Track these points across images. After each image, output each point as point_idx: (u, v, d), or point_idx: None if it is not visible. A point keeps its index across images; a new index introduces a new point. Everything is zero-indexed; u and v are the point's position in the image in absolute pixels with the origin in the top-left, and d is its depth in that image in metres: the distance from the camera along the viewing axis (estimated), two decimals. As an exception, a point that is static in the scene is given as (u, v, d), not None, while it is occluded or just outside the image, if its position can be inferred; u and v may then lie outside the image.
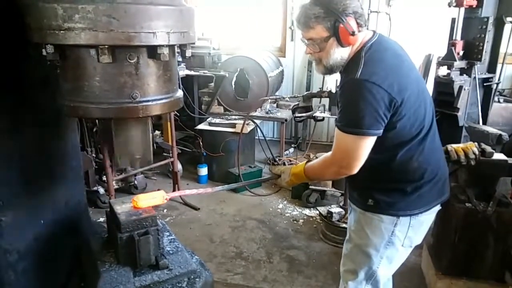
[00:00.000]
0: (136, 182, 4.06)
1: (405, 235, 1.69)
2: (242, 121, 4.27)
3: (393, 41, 1.67)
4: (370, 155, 1.52)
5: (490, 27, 3.44)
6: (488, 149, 2.25)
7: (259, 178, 2.64)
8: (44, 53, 1.27)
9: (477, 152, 2.14)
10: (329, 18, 1.49)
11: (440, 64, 3.59)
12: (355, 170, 1.54)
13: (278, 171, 1.89)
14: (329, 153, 1.63)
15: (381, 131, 1.48)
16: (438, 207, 1.75)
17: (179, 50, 1.48)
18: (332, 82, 4.25)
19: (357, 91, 1.44)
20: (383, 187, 1.66)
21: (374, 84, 1.42)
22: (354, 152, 1.51)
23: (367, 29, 1.60)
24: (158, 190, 1.71)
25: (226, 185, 2.08)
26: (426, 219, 1.72)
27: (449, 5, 3.43)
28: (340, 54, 1.55)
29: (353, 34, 1.50)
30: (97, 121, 3.13)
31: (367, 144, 1.49)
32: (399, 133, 1.53)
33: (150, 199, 1.62)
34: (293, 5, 5.41)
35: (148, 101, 1.37)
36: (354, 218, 1.81)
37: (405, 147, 1.57)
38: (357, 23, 1.51)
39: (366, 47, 1.53)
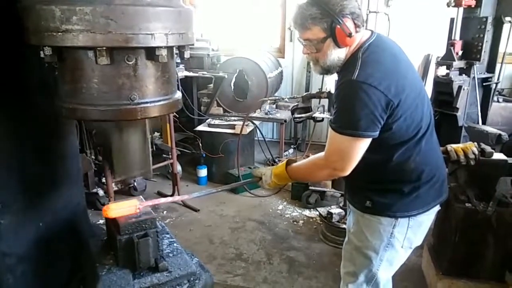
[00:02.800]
0: (135, 184, 4.05)
1: (404, 237, 1.68)
2: (241, 122, 4.26)
3: (391, 41, 1.67)
4: (366, 155, 1.51)
5: (489, 26, 3.45)
6: (488, 149, 2.25)
7: (238, 182, 2.61)
8: (42, 55, 1.27)
9: (476, 152, 2.14)
10: (325, 19, 1.48)
11: (439, 64, 3.60)
12: (348, 172, 1.53)
13: (259, 173, 1.87)
14: (320, 154, 1.62)
15: (377, 132, 1.47)
16: (437, 208, 1.74)
17: (177, 52, 1.48)
18: (331, 82, 4.25)
19: (354, 93, 1.43)
20: (380, 188, 1.65)
21: (370, 86, 1.41)
22: (348, 153, 1.50)
23: (365, 29, 1.59)
24: (158, 192, 1.70)
25: (199, 192, 1.96)
26: (425, 220, 1.72)
27: (448, 5, 3.44)
28: (337, 54, 1.55)
29: (350, 35, 1.49)
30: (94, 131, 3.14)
31: (362, 146, 1.48)
32: (395, 134, 1.53)
33: (122, 209, 1.60)
34: (292, 6, 5.41)
35: (146, 102, 1.37)
36: (353, 220, 1.80)
37: (401, 148, 1.56)
38: (354, 24, 1.50)
39: (364, 48, 1.52)
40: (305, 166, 1.71)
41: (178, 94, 1.54)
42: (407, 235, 1.68)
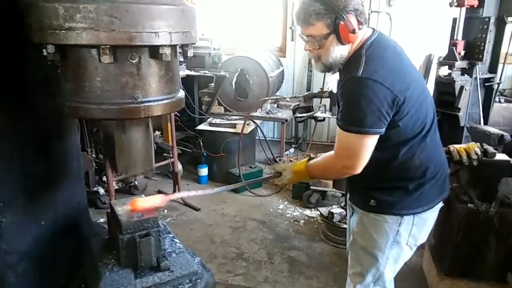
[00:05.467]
0: (136, 182, 4.04)
1: (409, 234, 1.68)
2: (242, 122, 4.25)
3: (391, 39, 1.66)
4: (372, 154, 1.51)
5: (492, 27, 3.44)
6: (491, 149, 2.24)
7: (259, 178, 2.63)
8: (44, 53, 1.26)
9: (479, 153, 2.13)
10: (329, 15, 1.47)
11: (441, 64, 3.59)
12: (359, 170, 1.52)
13: (280, 169, 1.88)
14: (331, 152, 1.62)
15: (384, 129, 1.47)
16: (440, 204, 1.74)
17: (180, 50, 1.47)
18: (333, 82, 4.24)
19: (359, 90, 1.43)
20: (385, 186, 1.65)
21: (376, 82, 1.40)
22: (357, 151, 1.49)
23: (368, 26, 1.59)
24: (158, 191, 1.71)
25: (223, 187, 2.00)
26: (430, 217, 1.72)
27: (450, 5, 3.43)
28: (339, 51, 1.54)
29: (353, 32, 1.48)
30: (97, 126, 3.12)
31: (370, 143, 1.48)
32: (401, 131, 1.52)
33: (148, 202, 1.61)
34: (293, 5, 5.40)
35: (150, 101, 1.36)
36: (356, 220, 1.79)
37: (407, 145, 1.56)
38: (358, 21, 1.49)
39: (366, 45, 1.52)
40: (320, 164, 1.70)
41: (181, 93, 1.54)
42: (412, 232, 1.68)
